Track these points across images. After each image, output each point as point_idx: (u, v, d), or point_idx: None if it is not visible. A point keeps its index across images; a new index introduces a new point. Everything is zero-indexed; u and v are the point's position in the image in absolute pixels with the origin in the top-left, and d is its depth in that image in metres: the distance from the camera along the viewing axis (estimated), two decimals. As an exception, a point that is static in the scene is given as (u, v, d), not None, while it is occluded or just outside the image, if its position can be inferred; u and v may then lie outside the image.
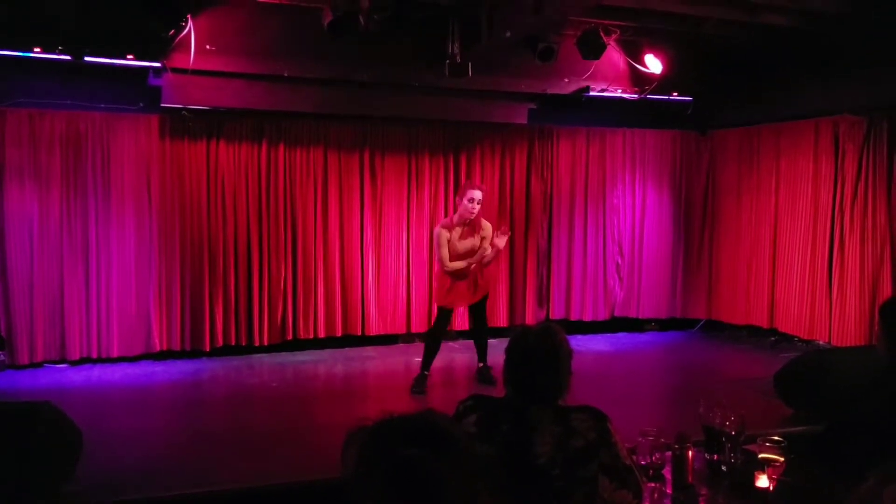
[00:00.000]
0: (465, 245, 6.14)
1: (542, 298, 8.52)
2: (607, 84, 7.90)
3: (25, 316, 6.70)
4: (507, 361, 2.43)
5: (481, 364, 6.43)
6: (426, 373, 6.25)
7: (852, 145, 7.11)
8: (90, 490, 3.98)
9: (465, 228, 6.15)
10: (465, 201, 6.05)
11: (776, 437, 2.63)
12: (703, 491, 2.63)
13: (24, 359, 6.70)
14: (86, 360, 6.93)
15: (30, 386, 6.25)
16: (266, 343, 7.47)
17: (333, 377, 7.11)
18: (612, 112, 8.46)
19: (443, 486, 1.26)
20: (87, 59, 6.25)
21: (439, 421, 1.35)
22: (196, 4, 6.34)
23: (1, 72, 6.43)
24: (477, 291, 6.27)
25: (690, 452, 2.63)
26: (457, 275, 6.17)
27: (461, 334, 8.04)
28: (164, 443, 5.02)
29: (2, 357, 6.66)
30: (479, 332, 6.49)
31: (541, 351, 2.37)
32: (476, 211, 6.06)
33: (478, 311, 6.43)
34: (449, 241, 6.11)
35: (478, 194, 6.06)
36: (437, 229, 6.25)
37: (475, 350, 6.48)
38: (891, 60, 6.54)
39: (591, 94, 7.89)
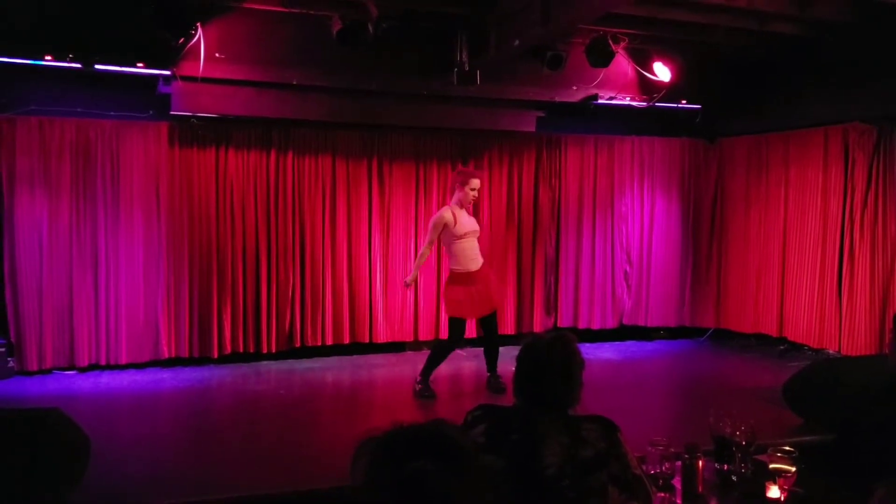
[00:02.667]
0: (470, 223, 6.27)
1: (550, 306, 8.51)
2: (616, 92, 7.90)
3: (35, 322, 6.72)
4: (517, 370, 2.42)
5: (490, 374, 6.40)
6: (425, 381, 6.24)
7: (862, 154, 7.08)
8: (97, 497, 3.98)
9: (467, 211, 6.35)
10: (467, 189, 6.21)
11: (787, 447, 2.61)
12: (713, 501, 2.62)
13: (33, 365, 6.72)
14: (94, 367, 6.94)
15: (38, 392, 6.26)
16: (274, 350, 7.47)
17: (341, 385, 7.10)
18: (620, 120, 8.46)
19: (453, 499, 1.25)
20: (97, 67, 6.30)
21: (449, 432, 1.34)
22: (205, 13, 6.37)
23: (11, 80, 6.48)
24: (487, 304, 6.26)
25: (700, 462, 2.62)
26: (467, 279, 6.19)
27: (469, 342, 8.04)
28: (172, 450, 5.03)
29: (11, 363, 6.68)
30: (490, 343, 6.45)
31: (552, 360, 2.35)
32: (477, 197, 6.35)
33: (488, 323, 6.41)
34: (455, 223, 6.18)
35: (478, 183, 6.31)
36: (439, 213, 6.35)
37: (484, 360, 6.46)
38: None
39: (600, 101, 7.89)
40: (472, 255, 6.21)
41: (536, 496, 2.20)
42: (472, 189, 6.19)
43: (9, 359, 6.66)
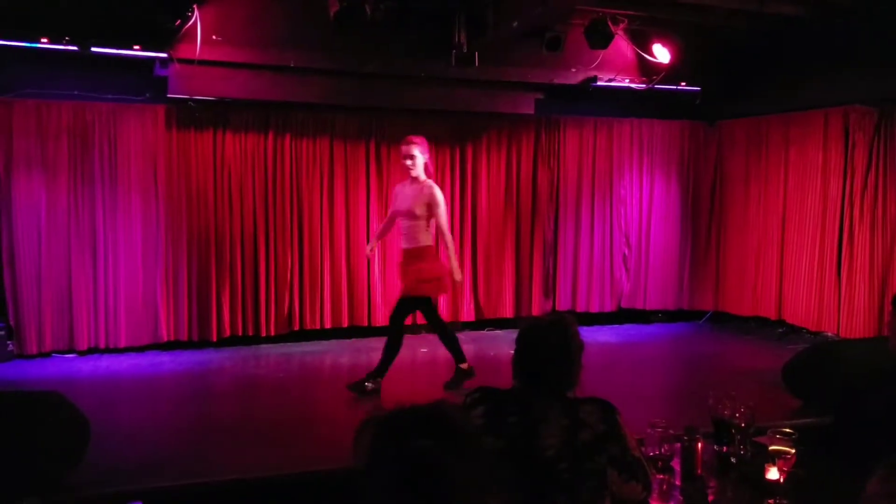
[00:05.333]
0: (399, 202, 5.79)
1: (549, 289, 8.50)
2: (615, 74, 7.86)
3: (34, 306, 6.72)
4: (516, 352, 2.41)
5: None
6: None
7: (862, 136, 7.06)
8: (97, 479, 3.99)
9: (411, 186, 5.77)
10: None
11: (786, 429, 2.61)
12: (712, 483, 2.63)
13: (32, 348, 6.73)
14: (94, 350, 6.95)
15: (38, 375, 6.27)
16: (273, 333, 7.48)
17: (340, 368, 7.09)
18: (619, 102, 8.42)
19: (453, 478, 1.26)
20: (93, 49, 6.27)
21: (451, 412, 1.35)
22: (202, -6, 6.33)
23: (8, 62, 6.44)
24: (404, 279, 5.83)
25: (699, 444, 2.62)
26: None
27: (464, 324, 8.05)
28: (171, 433, 5.03)
29: (10, 346, 6.68)
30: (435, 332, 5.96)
31: (552, 342, 2.34)
32: (410, 167, 5.66)
33: (423, 311, 5.97)
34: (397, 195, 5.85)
35: (403, 149, 5.69)
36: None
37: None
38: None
39: (599, 83, 7.86)
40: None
41: (535, 478, 2.20)
42: (402, 157, 5.73)
43: (8, 342, 6.67)
